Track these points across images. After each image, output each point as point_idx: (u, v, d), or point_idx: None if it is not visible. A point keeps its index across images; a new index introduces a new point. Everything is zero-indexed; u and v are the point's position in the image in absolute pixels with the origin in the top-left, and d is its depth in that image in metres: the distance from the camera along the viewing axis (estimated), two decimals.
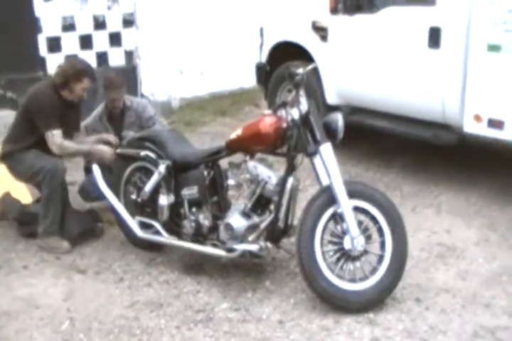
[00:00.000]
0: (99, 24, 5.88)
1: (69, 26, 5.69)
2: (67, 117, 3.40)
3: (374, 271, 2.74)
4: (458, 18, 3.72)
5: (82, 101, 3.51)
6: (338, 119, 2.88)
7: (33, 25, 5.46)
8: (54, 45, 5.61)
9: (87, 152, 3.45)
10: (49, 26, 5.57)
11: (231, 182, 2.99)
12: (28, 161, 3.35)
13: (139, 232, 3.20)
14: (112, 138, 3.56)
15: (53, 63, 5.56)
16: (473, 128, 3.76)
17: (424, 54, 3.91)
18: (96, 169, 3.37)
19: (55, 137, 3.29)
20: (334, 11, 4.44)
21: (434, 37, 3.82)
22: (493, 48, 3.57)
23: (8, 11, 5.26)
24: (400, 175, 4.37)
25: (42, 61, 5.57)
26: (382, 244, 2.76)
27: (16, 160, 3.41)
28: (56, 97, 3.35)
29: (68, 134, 3.46)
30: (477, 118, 3.72)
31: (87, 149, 3.43)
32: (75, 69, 3.34)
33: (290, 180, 2.84)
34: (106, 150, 3.40)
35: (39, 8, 5.48)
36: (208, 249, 3.00)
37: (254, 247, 2.84)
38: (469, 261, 3.15)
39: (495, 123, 3.64)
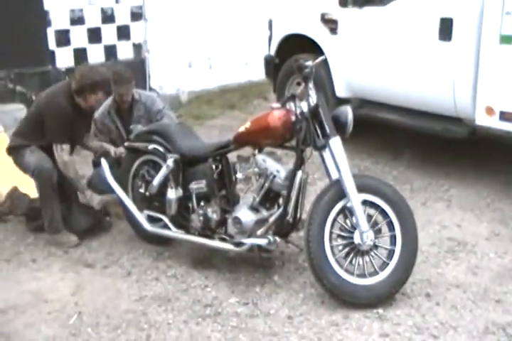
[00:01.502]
0: (108, 17, 5.86)
1: (77, 19, 5.68)
2: (78, 121, 3.40)
3: (384, 265, 2.71)
4: (470, 9, 3.66)
5: (93, 109, 3.55)
6: (348, 112, 2.85)
7: (42, 19, 5.46)
8: (63, 38, 5.61)
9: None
10: (58, 20, 5.57)
11: (239, 175, 2.97)
12: (25, 157, 3.39)
13: (147, 226, 3.19)
14: (112, 150, 3.55)
15: (62, 57, 5.58)
16: (484, 121, 3.70)
17: (434, 46, 3.86)
18: (104, 163, 3.37)
19: (63, 152, 3.32)
20: (343, 3, 4.39)
21: (446, 29, 3.77)
22: (506, 40, 3.50)
23: (17, 5, 5.26)
24: (410, 169, 4.33)
25: (51, 54, 5.57)
26: (392, 239, 2.74)
27: (18, 153, 3.43)
28: (70, 105, 3.35)
29: (78, 137, 3.48)
30: (489, 111, 3.66)
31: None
32: (92, 81, 3.31)
33: (299, 174, 2.81)
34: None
35: (48, 2, 5.47)
36: (216, 243, 2.99)
37: (262, 241, 2.82)
38: (480, 255, 3.12)
39: (507, 116, 3.58)
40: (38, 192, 3.37)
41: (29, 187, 3.78)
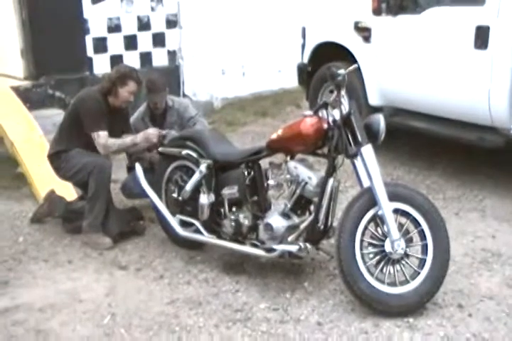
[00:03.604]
0: (144, 25, 5.99)
1: (115, 27, 5.82)
2: (114, 123, 3.47)
3: (415, 274, 2.69)
4: (508, 17, 3.62)
5: (128, 105, 3.57)
6: (380, 120, 2.85)
7: (81, 27, 5.62)
8: (100, 45, 5.76)
9: (132, 143, 3.46)
10: (96, 27, 5.72)
11: (271, 182, 3.00)
12: (74, 159, 3.44)
13: (180, 230, 3.24)
14: (154, 131, 3.51)
15: (99, 63, 5.73)
16: None
17: (470, 54, 3.82)
18: (138, 167, 3.44)
19: (100, 138, 3.38)
20: (377, 11, 4.39)
21: (482, 37, 3.73)
22: None
23: (58, 14, 5.43)
24: (443, 178, 4.28)
25: (89, 61, 5.72)
26: (424, 248, 2.72)
27: (61, 159, 3.50)
28: (104, 102, 3.43)
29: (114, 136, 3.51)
30: None
31: (131, 140, 3.46)
32: (119, 73, 3.42)
33: (330, 181, 2.82)
34: (150, 133, 3.45)
35: (87, 10, 5.63)
36: (247, 249, 3.02)
37: (293, 248, 2.84)
38: None
39: None
40: (92, 189, 3.36)
41: (65, 191, 3.89)
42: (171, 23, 6.15)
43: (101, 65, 5.73)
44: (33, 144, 4.41)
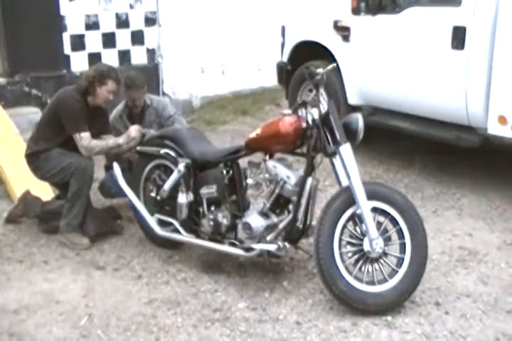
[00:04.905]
0: (122, 22, 5.93)
1: (93, 24, 5.75)
2: (93, 123, 3.42)
3: (393, 273, 2.71)
4: (484, 18, 3.66)
5: (108, 104, 3.52)
6: (358, 120, 2.86)
7: (58, 24, 5.54)
8: (78, 43, 5.68)
9: (115, 145, 3.40)
10: (73, 25, 5.64)
11: (250, 181, 2.99)
12: (55, 159, 3.38)
13: (158, 230, 3.22)
14: (137, 126, 3.48)
15: (77, 61, 5.65)
16: (497, 130, 3.70)
17: (447, 54, 3.86)
18: (116, 166, 3.40)
19: (82, 140, 3.33)
20: (356, 11, 4.41)
21: (459, 37, 3.77)
22: None
23: (34, 10, 5.34)
24: (421, 177, 4.32)
25: (66, 59, 5.64)
26: (402, 247, 2.74)
27: (40, 159, 3.43)
28: (83, 102, 3.38)
29: (97, 137, 3.47)
30: (501, 120, 3.66)
31: (114, 142, 3.41)
32: (98, 72, 3.36)
33: (309, 180, 2.82)
34: (132, 130, 3.40)
35: (64, 7, 5.55)
36: (226, 248, 3.01)
37: (272, 247, 2.83)
38: (491, 265, 3.10)
39: None
40: (74, 189, 3.32)
41: (42, 190, 3.83)
42: (150, 20, 6.10)
43: (78, 63, 5.65)
44: (8, 143, 4.34)
